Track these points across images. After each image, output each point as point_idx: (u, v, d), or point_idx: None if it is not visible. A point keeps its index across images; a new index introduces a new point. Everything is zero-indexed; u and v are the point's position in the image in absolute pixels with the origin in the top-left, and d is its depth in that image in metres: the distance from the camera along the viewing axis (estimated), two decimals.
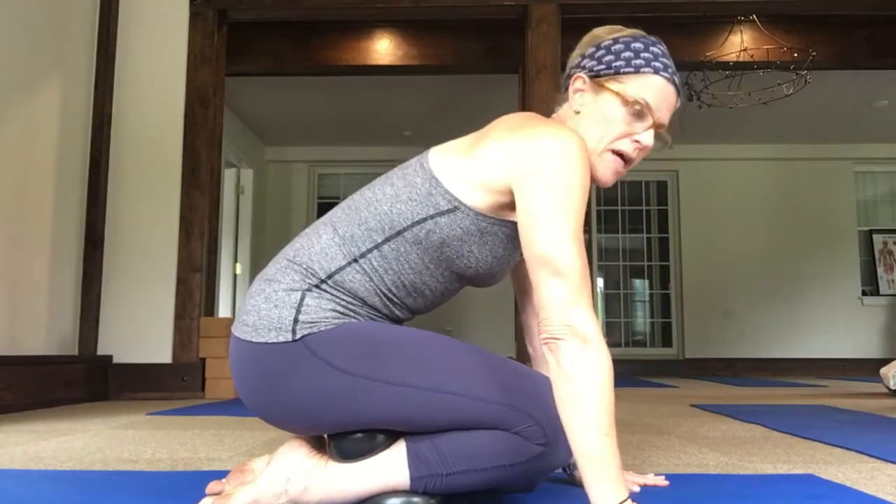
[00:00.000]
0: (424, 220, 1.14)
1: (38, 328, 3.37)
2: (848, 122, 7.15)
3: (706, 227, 7.79)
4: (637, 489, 1.35)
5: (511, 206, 1.14)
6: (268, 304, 1.13)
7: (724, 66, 4.68)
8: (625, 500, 0.97)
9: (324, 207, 8.01)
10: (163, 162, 3.95)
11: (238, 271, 7.09)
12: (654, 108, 1.17)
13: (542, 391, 1.10)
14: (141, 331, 3.82)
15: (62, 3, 3.61)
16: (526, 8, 4.16)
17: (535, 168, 1.07)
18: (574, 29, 4.37)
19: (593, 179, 1.20)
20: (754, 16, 4.39)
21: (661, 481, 1.41)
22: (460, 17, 4.56)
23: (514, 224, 1.16)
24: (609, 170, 1.20)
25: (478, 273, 1.19)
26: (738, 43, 4.63)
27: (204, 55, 4.03)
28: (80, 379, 3.52)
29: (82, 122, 3.79)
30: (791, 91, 4.80)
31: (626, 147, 1.18)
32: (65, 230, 3.62)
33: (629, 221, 8.04)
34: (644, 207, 8.05)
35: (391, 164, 7.90)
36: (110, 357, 3.77)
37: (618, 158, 1.19)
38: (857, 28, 4.94)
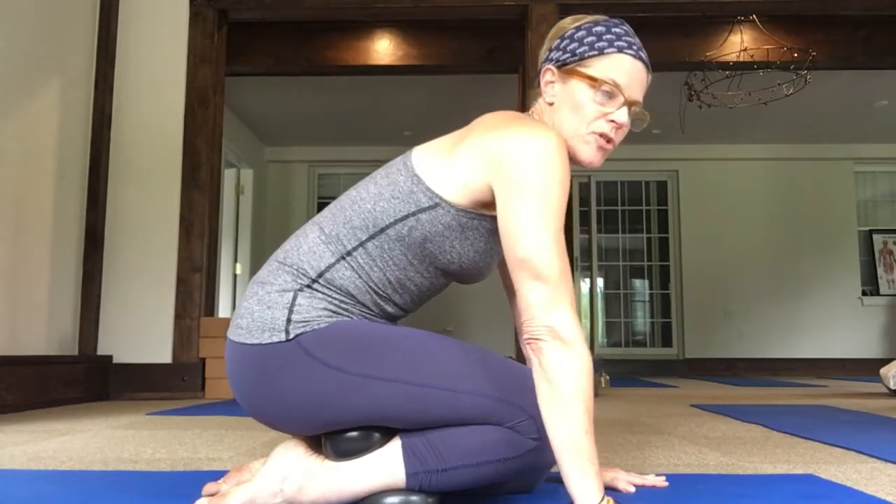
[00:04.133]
0: (406, 217, 1.16)
1: (38, 328, 3.38)
2: (848, 122, 7.15)
3: (706, 227, 7.79)
4: (632, 489, 1.35)
5: (491, 202, 1.15)
6: (260, 306, 1.14)
7: (724, 66, 4.68)
8: (603, 499, 1.02)
9: (323, 207, 8.00)
10: (163, 162, 3.95)
11: (238, 271, 7.09)
12: (624, 85, 1.19)
13: (532, 385, 1.11)
14: (141, 331, 3.82)
15: (62, 3, 3.61)
16: (526, 8, 4.17)
17: (513, 169, 1.09)
18: None
19: (581, 163, 1.22)
20: (754, 16, 4.39)
21: (661, 482, 1.41)
22: (460, 17, 4.56)
23: (495, 218, 1.18)
24: (592, 151, 1.21)
25: (461, 268, 1.21)
26: (738, 43, 4.63)
27: (204, 55, 4.03)
28: (80, 379, 3.52)
29: (82, 122, 3.79)
30: (791, 91, 4.80)
31: (604, 128, 1.20)
32: (65, 230, 3.63)
33: (629, 221, 8.04)
34: (644, 207, 8.05)
35: None
36: (110, 357, 3.78)
37: (599, 139, 1.21)
38: (857, 28, 4.94)
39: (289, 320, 1.12)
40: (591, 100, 1.19)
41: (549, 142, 1.10)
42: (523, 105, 4.62)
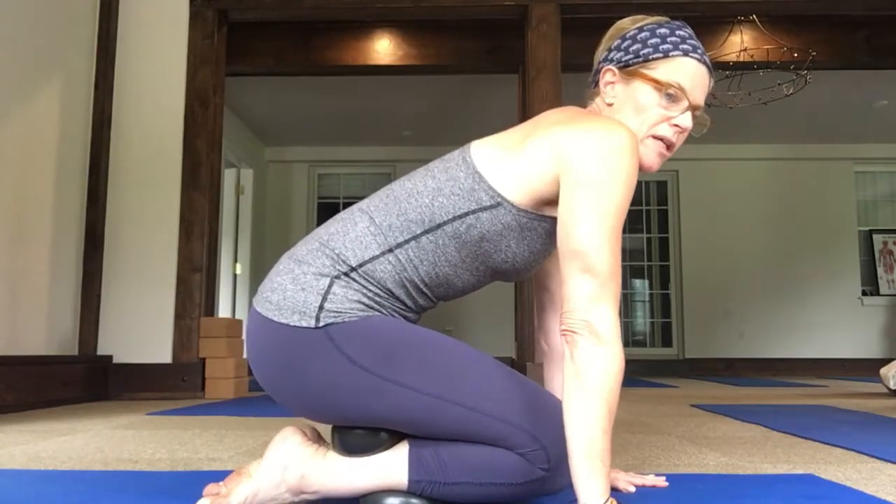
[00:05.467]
0: (466, 214, 1.13)
1: (38, 328, 3.37)
2: (848, 122, 7.15)
3: (706, 227, 7.79)
4: (632, 489, 1.35)
5: (554, 200, 1.13)
6: (295, 286, 1.12)
7: (724, 66, 4.68)
8: (608, 500, 1.00)
9: (324, 207, 8.02)
10: (163, 162, 3.95)
11: (238, 271, 7.09)
12: (688, 89, 1.18)
13: (551, 414, 1.10)
14: (141, 331, 3.82)
15: (62, 3, 3.60)
16: (526, 8, 4.16)
17: (583, 161, 1.07)
18: (574, 29, 4.40)
19: (640, 168, 1.19)
20: (754, 16, 4.39)
21: (661, 482, 1.41)
22: (460, 17, 4.56)
23: (554, 220, 1.16)
24: (653, 155, 1.20)
25: (513, 267, 1.19)
26: (738, 43, 4.63)
27: (204, 55, 4.03)
28: (80, 379, 3.52)
29: (82, 122, 3.79)
30: (791, 91, 4.80)
31: (666, 132, 1.18)
32: (65, 230, 3.62)
33: (629, 221, 8.03)
34: (644, 207, 8.05)
35: (391, 164, 7.91)
36: (110, 357, 3.77)
37: (660, 143, 1.19)
38: (857, 28, 4.94)
39: (321, 307, 1.10)
40: (655, 103, 1.17)
41: (622, 137, 1.08)
42: (523, 106, 4.62)
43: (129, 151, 3.94)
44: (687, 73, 1.18)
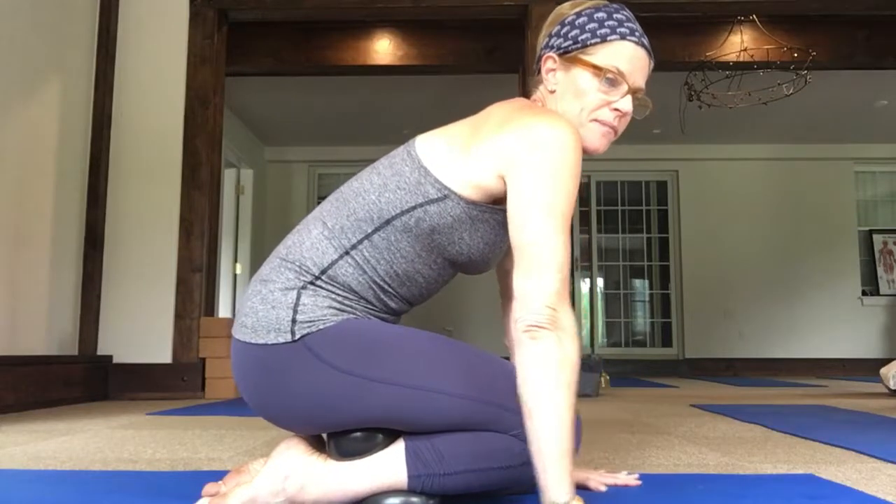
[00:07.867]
0: (414, 208, 1.14)
1: (38, 328, 3.37)
2: (848, 122, 7.15)
3: (706, 227, 7.79)
4: (604, 489, 1.34)
5: (504, 195, 1.14)
6: (265, 306, 1.13)
7: (724, 66, 4.68)
8: (574, 497, 1.01)
9: None
10: (163, 162, 3.95)
11: (238, 271, 7.09)
12: (627, 73, 1.18)
13: None
14: (141, 331, 3.82)
15: (62, 3, 3.60)
16: (526, 8, 4.16)
17: (526, 158, 1.08)
18: None
19: (586, 150, 1.21)
20: (754, 16, 4.39)
21: (633, 480, 1.39)
22: (460, 17, 4.56)
23: (506, 211, 1.17)
24: (597, 138, 1.21)
25: (470, 259, 1.20)
26: (738, 43, 4.63)
27: (204, 55, 4.03)
28: (80, 379, 3.52)
29: (82, 122, 3.79)
30: (791, 91, 4.79)
31: (607, 116, 1.19)
32: (65, 230, 3.62)
33: (629, 221, 8.04)
34: (644, 207, 8.05)
35: None
36: (110, 357, 3.77)
37: (602, 126, 1.20)
38: (857, 28, 4.94)
39: (294, 321, 1.11)
40: (594, 88, 1.18)
41: (563, 131, 1.09)
42: None
43: (129, 151, 3.94)
44: (625, 56, 1.18)
